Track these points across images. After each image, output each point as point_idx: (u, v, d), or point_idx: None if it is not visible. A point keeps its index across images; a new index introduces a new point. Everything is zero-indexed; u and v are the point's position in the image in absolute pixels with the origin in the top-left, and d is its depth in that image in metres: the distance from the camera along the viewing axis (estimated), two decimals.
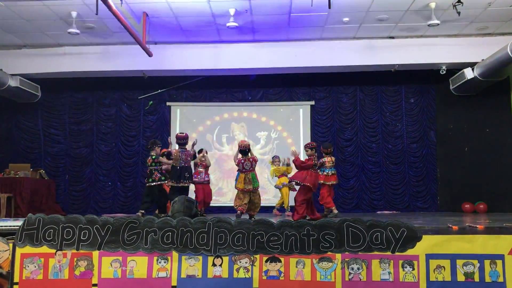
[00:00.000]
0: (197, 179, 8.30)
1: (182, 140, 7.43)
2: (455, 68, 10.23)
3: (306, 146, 7.53)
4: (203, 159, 8.36)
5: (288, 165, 9.33)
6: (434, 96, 11.56)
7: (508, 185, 10.15)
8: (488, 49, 9.37)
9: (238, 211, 7.12)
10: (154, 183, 7.79)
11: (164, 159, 7.78)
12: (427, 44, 9.96)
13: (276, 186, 9.62)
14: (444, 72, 10.18)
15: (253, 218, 6.58)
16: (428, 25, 8.67)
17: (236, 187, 7.46)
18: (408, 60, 10.06)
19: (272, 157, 9.86)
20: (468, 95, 10.78)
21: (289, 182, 8.31)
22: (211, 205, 9.11)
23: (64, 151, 11.65)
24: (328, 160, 8.23)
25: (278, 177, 9.41)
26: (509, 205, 9.96)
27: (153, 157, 7.86)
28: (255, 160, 7.46)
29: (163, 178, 7.79)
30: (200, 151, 8.66)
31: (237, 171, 7.61)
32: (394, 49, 10.03)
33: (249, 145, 7.53)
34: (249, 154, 7.43)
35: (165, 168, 7.86)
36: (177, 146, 7.71)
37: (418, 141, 11.45)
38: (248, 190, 7.27)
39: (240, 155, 7.46)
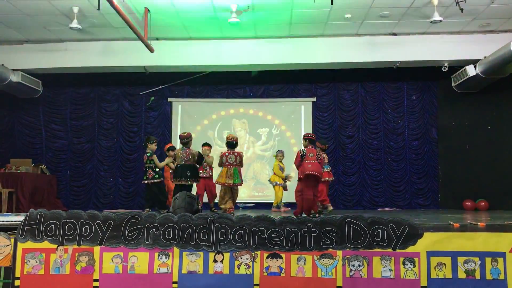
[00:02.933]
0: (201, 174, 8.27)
1: (184, 139, 7.44)
2: (457, 65, 10.20)
3: (303, 137, 7.47)
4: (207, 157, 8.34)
5: (285, 180, 9.57)
6: (436, 93, 11.54)
7: (509, 182, 10.13)
8: (491, 46, 9.33)
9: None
10: (147, 181, 7.78)
11: (156, 159, 7.77)
12: (429, 41, 9.93)
13: (269, 182, 9.82)
14: (446, 69, 10.15)
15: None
16: (431, 22, 8.63)
17: (216, 181, 7.54)
18: (410, 57, 10.04)
19: (277, 151, 9.89)
20: (470, 93, 10.76)
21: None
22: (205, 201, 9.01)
23: (65, 147, 11.66)
24: (324, 156, 8.32)
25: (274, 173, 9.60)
26: (510, 203, 9.95)
27: (148, 154, 7.84)
28: (240, 156, 7.40)
29: (156, 176, 7.73)
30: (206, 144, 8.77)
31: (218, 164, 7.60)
32: (396, 46, 10.00)
33: (237, 139, 7.61)
34: (235, 148, 7.47)
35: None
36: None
37: (420, 138, 11.43)
38: (228, 184, 7.23)
39: (226, 149, 7.51)
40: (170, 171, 8.31)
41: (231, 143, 7.46)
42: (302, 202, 6.93)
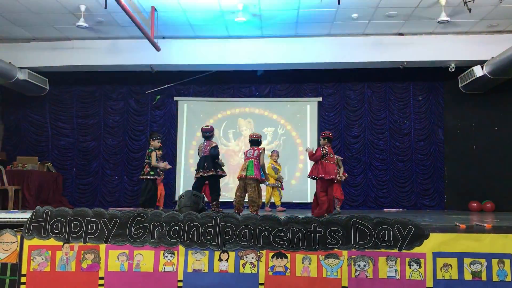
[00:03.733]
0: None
1: (207, 132, 7.39)
2: (464, 66, 10.14)
3: (321, 135, 7.38)
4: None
5: (278, 181, 9.53)
6: (443, 93, 11.47)
7: None
8: (498, 46, 9.28)
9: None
10: (142, 177, 7.78)
11: (153, 156, 7.69)
12: (436, 41, 9.88)
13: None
14: (453, 69, 10.09)
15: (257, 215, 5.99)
16: (438, 22, 8.59)
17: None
18: (417, 57, 9.99)
19: (271, 151, 9.87)
20: (477, 93, 10.70)
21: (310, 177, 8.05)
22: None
23: (71, 145, 11.70)
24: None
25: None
26: None
27: (149, 150, 7.83)
28: (258, 150, 7.10)
29: (151, 173, 7.69)
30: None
31: None
32: (403, 46, 9.96)
33: (259, 136, 7.33)
34: (257, 144, 7.17)
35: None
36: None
37: (426, 139, 11.38)
38: (240, 176, 6.99)
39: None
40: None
41: (251, 141, 7.24)
42: (328, 203, 6.84)
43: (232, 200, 7.25)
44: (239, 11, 8.59)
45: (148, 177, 7.60)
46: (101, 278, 4.01)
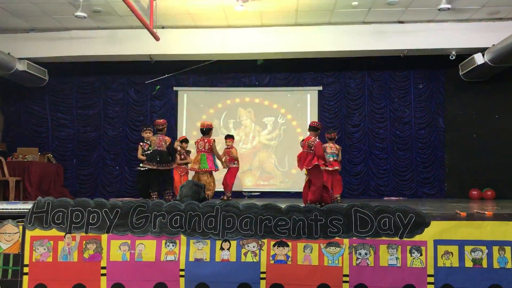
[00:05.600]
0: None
1: (160, 125, 7.88)
2: (465, 54, 10.10)
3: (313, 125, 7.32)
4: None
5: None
6: (443, 82, 11.43)
7: None
8: (499, 34, 9.22)
9: None
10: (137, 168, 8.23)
11: (140, 149, 8.05)
12: (437, 29, 9.83)
13: None
14: (454, 57, 10.05)
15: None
16: (439, 10, 8.54)
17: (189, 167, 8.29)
18: (418, 45, 9.95)
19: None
20: (478, 81, 10.67)
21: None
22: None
23: (71, 135, 11.69)
24: (332, 146, 8.40)
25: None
26: None
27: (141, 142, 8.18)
28: (209, 142, 8.02)
29: (140, 164, 7.96)
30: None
31: None
32: (404, 34, 9.91)
33: (209, 125, 8.15)
34: (208, 135, 8.09)
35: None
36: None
37: (426, 127, 11.36)
38: (193, 169, 8.00)
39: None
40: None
41: (202, 130, 8.13)
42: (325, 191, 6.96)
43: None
44: None
45: (138, 168, 7.96)
46: (103, 268, 4.03)
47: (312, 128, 7.13)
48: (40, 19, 9.71)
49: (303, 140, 7.28)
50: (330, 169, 8.27)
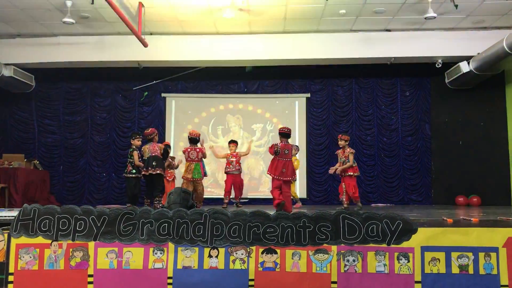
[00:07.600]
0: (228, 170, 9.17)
1: (149, 135, 7.96)
2: (451, 62, 10.24)
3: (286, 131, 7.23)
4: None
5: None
6: (430, 89, 11.56)
7: (501, 178, 10.24)
8: (484, 42, 9.38)
9: None
10: (125, 175, 8.13)
11: (136, 156, 7.98)
12: (424, 37, 9.95)
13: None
14: (440, 65, 10.17)
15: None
16: (425, 18, 8.65)
17: (182, 176, 8.09)
18: (404, 53, 10.05)
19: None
20: (464, 89, 10.82)
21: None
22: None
23: (58, 142, 11.58)
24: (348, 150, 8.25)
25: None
26: (502, 199, 10.04)
27: (130, 149, 8.12)
28: (202, 152, 7.95)
29: (133, 171, 7.98)
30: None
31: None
32: (391, 42, 10.01)
33: (199, 134, 8.06)
34: (198, 144, 7.96)
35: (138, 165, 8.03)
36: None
37: (413, 134, 11.46)
38: (187, 179, 7.84)
39: (189, 144, 8.02)
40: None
41: (193, 140, 7.96)
42: (279, 200, 6.89)
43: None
44: (227, 7, 8.56)
45: (130, 175, 7.92)
46: (90, 275, 3.99)
47: (285, 134, 7.08)
48: (27, 25, 9.63)
49: (283, 149, 6.99)
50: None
